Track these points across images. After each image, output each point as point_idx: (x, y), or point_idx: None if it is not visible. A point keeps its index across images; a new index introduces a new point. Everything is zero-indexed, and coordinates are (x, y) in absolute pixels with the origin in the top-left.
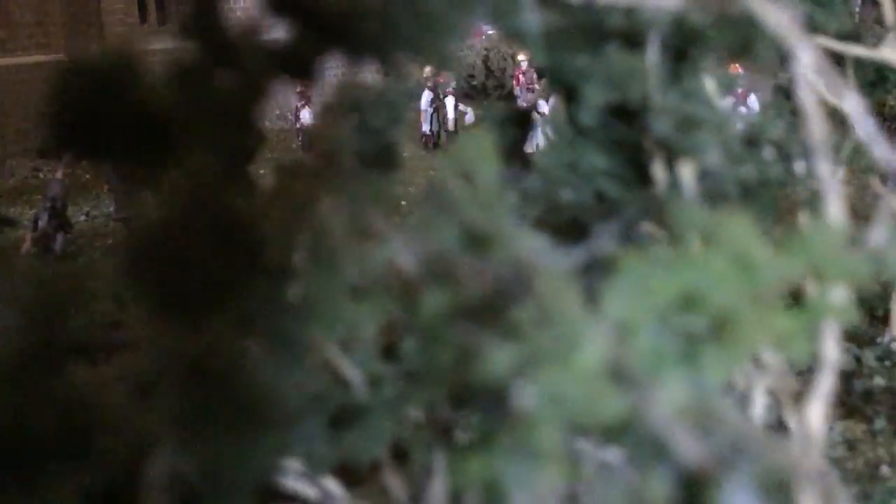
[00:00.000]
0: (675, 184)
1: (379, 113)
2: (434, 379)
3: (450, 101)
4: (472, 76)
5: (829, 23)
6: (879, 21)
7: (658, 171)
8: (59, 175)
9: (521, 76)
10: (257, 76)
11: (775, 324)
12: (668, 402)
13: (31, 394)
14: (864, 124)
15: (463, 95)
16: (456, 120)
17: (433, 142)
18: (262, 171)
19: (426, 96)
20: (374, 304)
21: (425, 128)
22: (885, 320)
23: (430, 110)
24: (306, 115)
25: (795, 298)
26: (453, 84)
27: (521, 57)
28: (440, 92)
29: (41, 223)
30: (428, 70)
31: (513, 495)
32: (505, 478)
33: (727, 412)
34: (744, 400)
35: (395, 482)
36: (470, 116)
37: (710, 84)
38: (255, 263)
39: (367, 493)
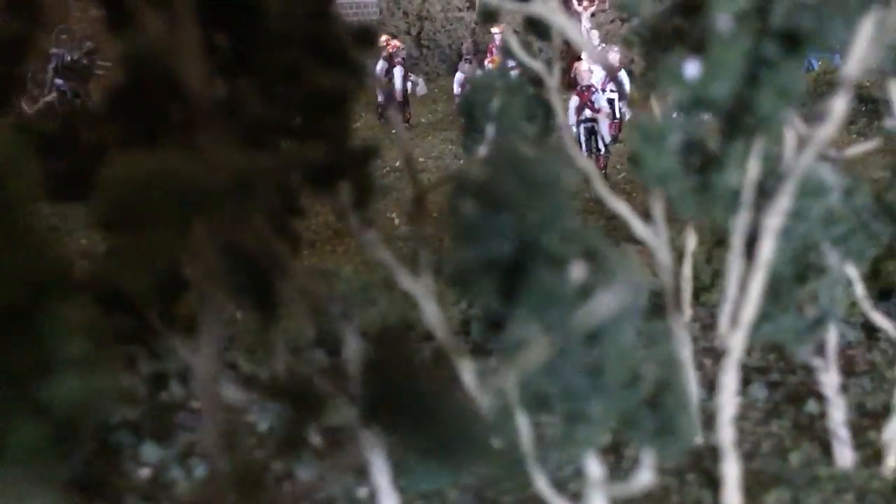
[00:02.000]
0: None
1: None
2: None
3: (398, 72)
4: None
5: None
6: None
7: None
8: None
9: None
10: None
11: None
12: None
13: None
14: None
15: (411, 65)
16: (405, 91)
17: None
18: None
19: (380, 66)
20: None
21: (381, 98)
22: None
23: (385, 80)
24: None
25: None
26: (403, 54)
27: (494, 30)
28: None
29: None
30: (383, 39)
31: None
32: None
33: None
34: None
35: None
36: (422, 87)
37: None
38: None
39: None
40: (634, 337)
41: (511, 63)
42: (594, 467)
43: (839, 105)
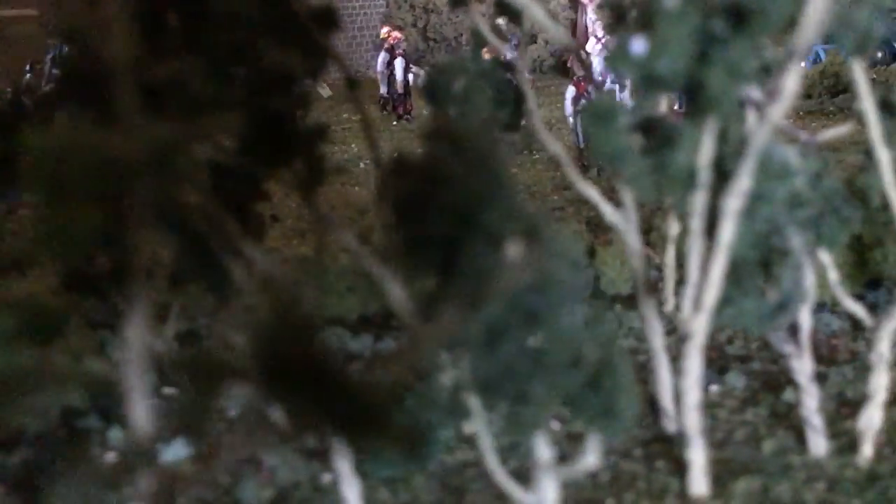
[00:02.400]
0: None
1: None
2: None
3: (399, 63)
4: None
5: None
6: None
7: None
8: None
9: None
10: None
11: None
12: None
13: None
14: None
15: (418, 57)
16: (406, 82)
17: (392, 105)
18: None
19: (382, 58)
20: None
21: (383, 90)
22: None
23: (387, 72)
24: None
25: None
26: (404, 45)
27: (499, 21)
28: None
29: None
30: (384, 31)
31: None
32: None
33: None
34: None
35: None
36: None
37: None
38: None
39: None
40: (576, 317)
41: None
42: (543, 450)
43: (791, 82)
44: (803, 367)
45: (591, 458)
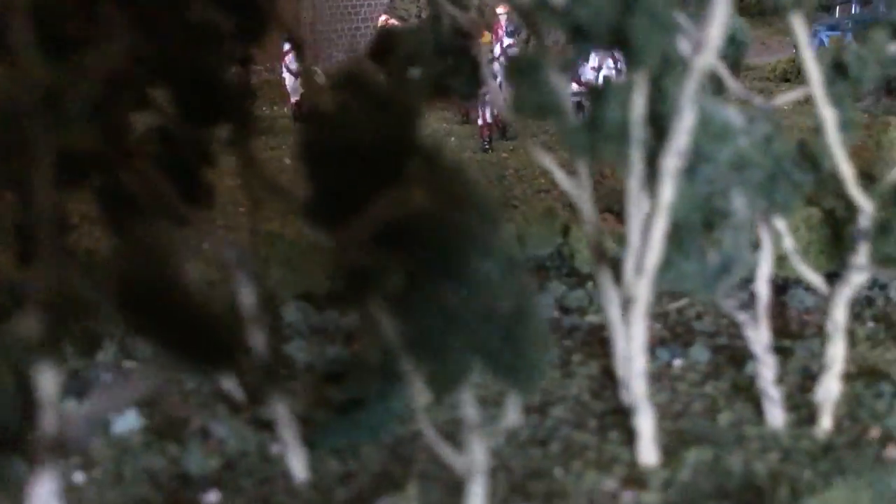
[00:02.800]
0: None
1: None
2: None
3: None
4: None
5: None
6: None
7: None
8: None
9: (499, 30)
10: None
11: None
12: None
13: None
14: None
15: None
16: None
17: None
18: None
19: None
20: None
21: None
22: None
23: None
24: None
25: None
26: None
27: (499, 10)
28: None
29: None
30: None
31: None
32: None
33: None
34: None
35: None
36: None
37: None
38: None
39: None
40: (490, 269)
41: (510, 41)
42: (470, 411)
43: (715, 31)
44: (759, 337)
45: (511, 415)
